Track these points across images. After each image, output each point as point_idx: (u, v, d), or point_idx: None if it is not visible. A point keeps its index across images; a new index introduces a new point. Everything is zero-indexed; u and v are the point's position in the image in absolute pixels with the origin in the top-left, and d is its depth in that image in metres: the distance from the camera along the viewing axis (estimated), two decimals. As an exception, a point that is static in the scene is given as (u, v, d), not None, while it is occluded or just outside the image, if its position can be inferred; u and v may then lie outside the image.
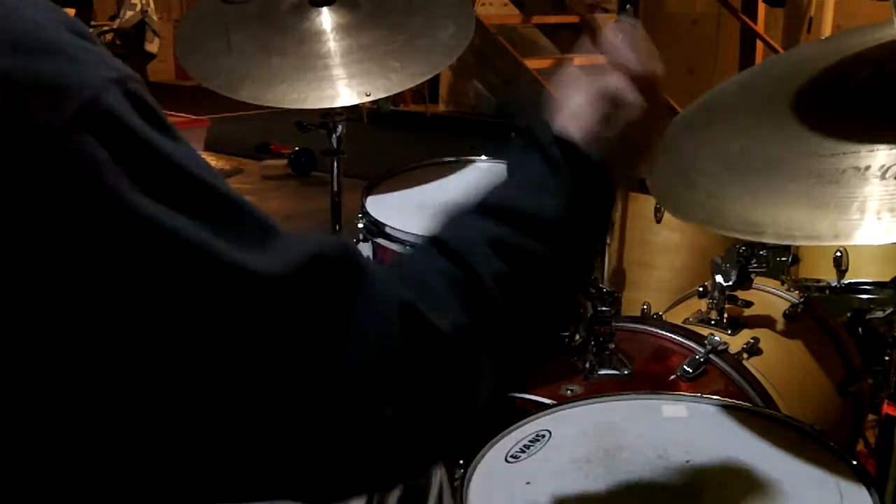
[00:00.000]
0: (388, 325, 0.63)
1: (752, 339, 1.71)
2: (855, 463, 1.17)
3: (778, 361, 1.72)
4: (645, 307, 2.05)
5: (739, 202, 1.09)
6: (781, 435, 1.25)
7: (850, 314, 2.01)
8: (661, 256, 2.22)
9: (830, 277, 1.86)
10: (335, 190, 2.04)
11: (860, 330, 1.98)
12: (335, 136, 1.99)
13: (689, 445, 1.22)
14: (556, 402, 1.40)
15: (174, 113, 4.73)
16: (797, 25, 5.56)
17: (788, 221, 1.03)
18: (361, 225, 1.70)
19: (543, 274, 0.74)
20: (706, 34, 6.13)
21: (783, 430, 1.28)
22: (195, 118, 4.74)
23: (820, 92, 1.20)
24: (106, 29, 10.00)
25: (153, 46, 9.96)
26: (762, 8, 5.00)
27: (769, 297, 1.91)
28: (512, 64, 3.91)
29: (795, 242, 1.68)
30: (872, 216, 0.97)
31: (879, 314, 1.97)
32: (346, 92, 1.75)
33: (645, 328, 1.74)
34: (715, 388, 1.57)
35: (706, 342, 1.64)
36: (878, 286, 1.91)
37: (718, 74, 5.68)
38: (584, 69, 0.83)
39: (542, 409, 1.36)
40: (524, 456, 1.22)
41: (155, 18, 9.91)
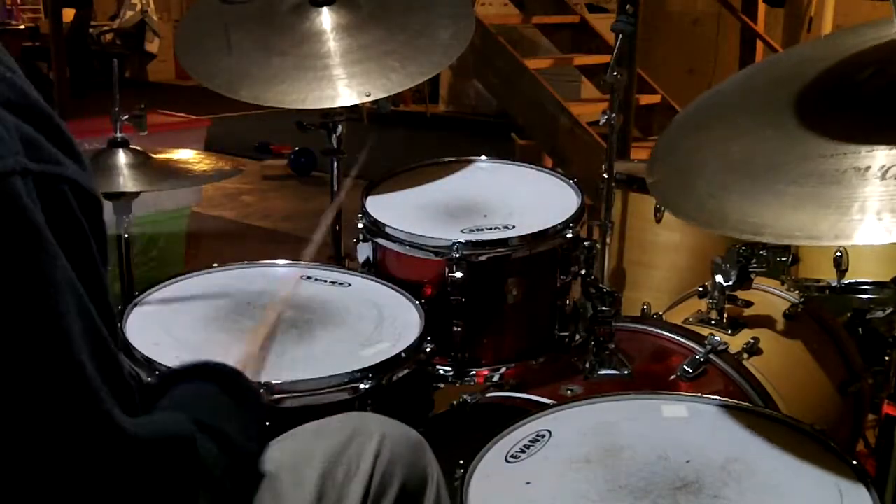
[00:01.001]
0: None
1: (752, 339, 1.71)
2: (855, 463, 1.17)
3: (778, 361, 1.72)
4: (645, 307, 2.05)
5: (739, 203, 1.09)
6: (781, 435, 1.25)
7: (850, 314, 2.01)
8: (661, 256, 2.22)
9: (830, 277, 1.86)
10: (335, 190, 2.04)
11: (860, 330, 1.99)
12: (335, 136, 1.99)
13: (689, 445, 1.22)
14: (556, 402, 1.40)
15: (174, 113, 4.72)
16: (797, 25, 5.56)
17: (789, 222, 1.03)
18: (361, 225, 1.70)
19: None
20: (706, 34, 6.13)
21: (783, 430, 1.28)
22: (195, 118, 4.72)
23: (820, 93, 1.20)
24: (106, 29, 10.01)
25: (153, 46, 9.96)
26: (762, 8, 5.00)
27: (769, 297, 1.91)
28: (512, 64, 3.91)
29: (796, 243, 1.68)
30: (873, 216, 0.97)
31: (879, 314, 1.97)
32: (346, 92, 1.74)
33: (645, 328, 1.74)
34: (715, 388, 1.57)
35: (706, 342, 1.65)
36: (878, 286, 1.91)
37: (718, 74, 5.69)
38: None
39: (542, 409, 1.36)
40: (524, 456, 1.22)
41: (155, 18, 9.92)
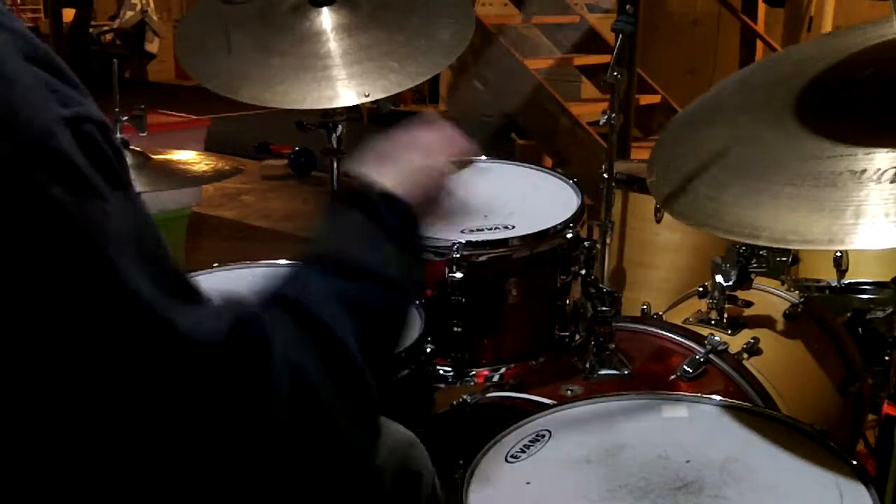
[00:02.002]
0: (278, 396, 0.66)
1: (752, 339, 1.71)
2: (855, 463, 1.17)
3: (778, 361, 1.72)
4: (645, 307, 2.05)
5: (738, 204, 1.09)
6: (781, 435, 1.25)
7: (850, 314, 2.01)
8: (661, 256, 2.22)
9: (830, 277, 1.86)
10: (335, 190, 2.04)
11: (860, 330, 1.99)
12: (335, 136, 1.98)
13: (689, 445, 1.22)
14: (556, 402, 1.40)
15: (174, 113, 4.73)
16: (797, 25, 5.55)
17: (785, 225, 1.03)
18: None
19: (388, 325, 0.81)
20: (706, 34, 6.12)
21: (783, 430, 1.28)
22: (195, 118, 4.73)
23: (819, 93, 1.20)
24: (106, 29, 10.01)
25: (153, 46, 9.96)
26: (762, 8, 5.00)
27: (769, 297, 1.91)
28: (512, 64, 3.91)
29: (791, 246, 1.68)
30: (867, 220, 0.97)
31: (879, 314, 1.97)
32: (345, 92, 1.74)
33: (645, 328, 1.74)
34: (715, 388, 1.57)
35: (706, 342, 1.65)
36: (878, 286, 1.91)
37: (718, 74, 5.68)
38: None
39: (542, 409, 1.36)
40: (524, 456, 1.22)
41: (155, 18, 9.92)
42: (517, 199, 1.78)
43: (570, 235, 1.63)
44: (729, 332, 1.75)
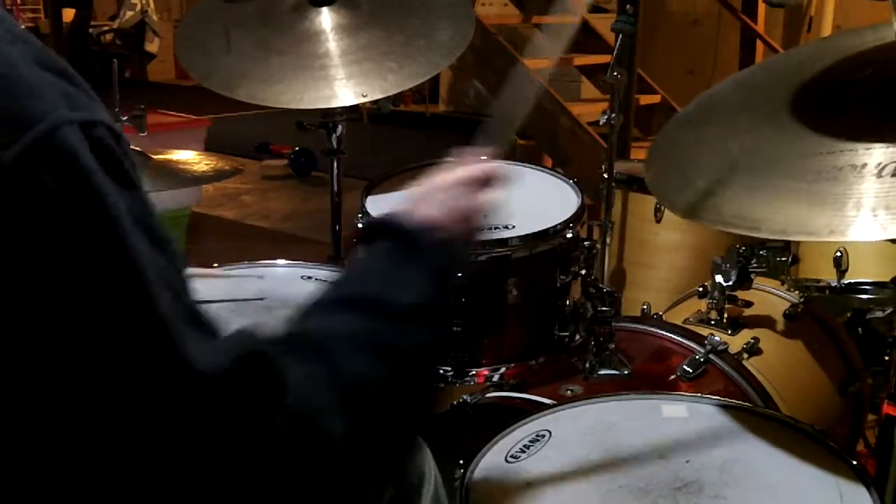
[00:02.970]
0: (278, 434, 0.65)
1: (752, 339, 1.71)
2: (855, 463, 1.17)
3: (778, 361, 1.72)
4: (645, 307, 2.05)
5: (737, 199, 1.09)
6: (781, 435, 1.25)
7: (850, 314, 2.01)
8: (661, 256, 2.22)
9: (830, 277, 1.85)
10: (335, 190, 2.04)
11: (860, 330, 1.98)
12: (335, 136, 1.98)
13: (689, 445, 1.22)
14: (556, 402, 1.40)
15: (174, 113, 4.73)
16: (797, 25, 5.55)
17: (785, 218, 1.03)
18: (361, 225, 1.70)
19: (413, 366, 0.77)
20: (706, 34, 6.12)
21: (783, 430, 1.28)
22: (195, 118, 4.73)
23: (819, 91, 1.20)
24: (106, 29, 10.01)
25: (153, 46, 9.96)
26: (762, 8, 5.00)
27: (769, 297, 1.91)
28: (512, 64, 3.91)
29: (791, 238, 1.68)
30: (868, 213, 0.97)
31: (879, 314, 1.97)
32: (343, 92, 1.74)
33: (645, 328, 1.74)
34: (715, 388, 1.57)
35: (706, 342, 1.64)
36: (878, 286, 1.91)
37: (718, 74, 5.68)
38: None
39: (542, 409, 1.36)
40: (524, 456, 1.22)
41: (155, 18, 9.92)
42: (517, 199, 1.77)
43: (570, 235, 1.63)
44: (729, 332, 1.75)
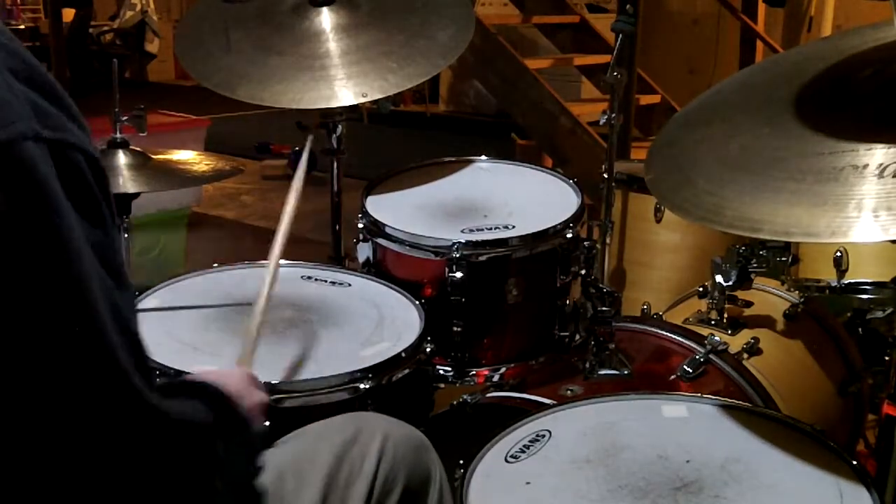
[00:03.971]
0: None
1: (752, 339, 1.71)
2: (855, 463, 1.17)
3: (778, 361, 1.72)
4: (645, 307, 2.05)
5: (738, 200, 1.09)
6: (781, 435, 1.25)
7: (850, 314, 2.01)
8: (661, 256, 2.22)
9: (830, 277, 1.85)
10: (335, 190, 2.04)
11: (860, 330, 1.98)
12: (335, 136, 1.98)
13: (689, 445, 1.22)
14: (556, 402, 1.40)
15: (174, 113, 4.73)
16: (797, 25, 5.55)
17: (786, 219, 1.03)
18: (361, 225, 1.70)
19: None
20: (706, 34, 6.12)
21: (783, 430, 1.28)
22: (195, 118, 4.74)
23: (819, 91, 1.20)
24: (106, 29, 10.00)
25: (153, 46, 9.95)
26: (762, 8, 5.00)
27: (769, 297, 1.91)
28: (512, 64, 3.91)
29: (793, 239, 1.68)
30: (869, 214, 0.97)
31: (879, 314, 1.97)
32: (343, 92, 1.74)
33: (645, 328, 1.74)
34: (715, 388, 1.57)
35: (706, 342, 1.64)
36: (878, 286, 1.91)
37: (718, 74, 5.68)
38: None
39: (542, 409, 1.36)
40: (524, 456, 1.22)
41: (155, 18, 9.90)
42: (517, 199, 1.78)
43: (570, 235, 1.63)
44: (729, 332, 1.75)
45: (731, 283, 1.73)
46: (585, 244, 1.68)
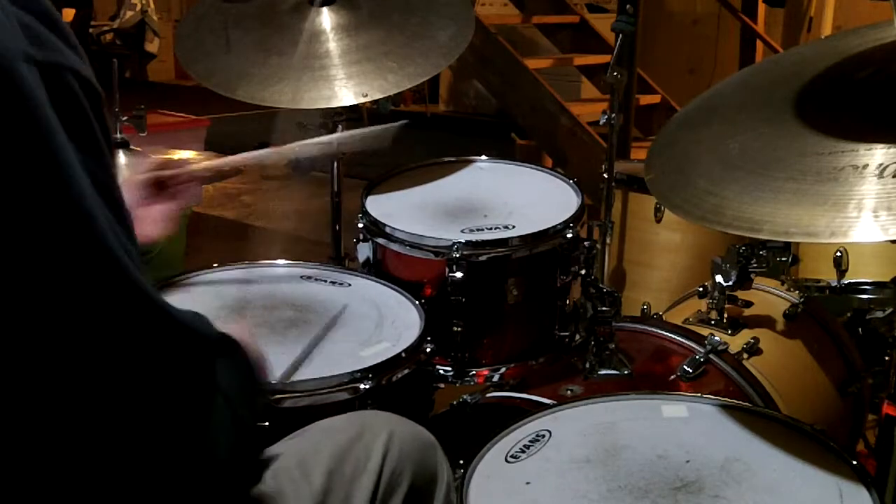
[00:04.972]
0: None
1: (752, 339, 1.71)
2: (855, 463, 1.17)
3: (778, 361, 1.72)
4: (645, 307, 2.05)
5: (738, 200, 1.09)
6: (781, 435, 1.25)
7: (850, 314, 2.01)
8: (661, 256, 2.22)
9: (830, 277, 1.86)
10: (335, 190, 2.04)
11: (860, 330, 1.98)
12: (335, 136, 1.98)
13: (689, 445, 1.22)
14: (556, 402, 1.40)
15: (174, 113, 4.73)
16: (797, 25, 5.55)
17: (786, 219, 1.03)
18: (361, 225, 1.70)
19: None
20: (706, 34, 6.12)
21: (783, 430, 1.28)
22: (195, 118, 4.73)
23: (819, 91, 1.20)
24: (106, 29, 10.00)
25: (153, 46, 9.96)
26: (762, 8, 5.00)
27: (769, 297, 1.91)
28: (512, 64, 3.91)
29: (793, 239, 1.68)
30: (869, 214, 0.97)
31: (879, 314, 1.97)
32: (343, 92, 1.74)
33: (645, 328, 1.74)
34: (715, 388, 1.57)
35: (706, 342, 1.64)
36: (878, 286, 1.91)
37: (718, 74, 5.68)
38: None
39: (542, 409, 1.36)
40: (524, 456, 1.22)
41: (155, 18, 9.91)
42: (517, 199, 1.78)
43: (570, 235, 1.63)
44: (729, 332, 1.75)
45: (731, 283, 1.73)
46: (585, 244, 1.68)
